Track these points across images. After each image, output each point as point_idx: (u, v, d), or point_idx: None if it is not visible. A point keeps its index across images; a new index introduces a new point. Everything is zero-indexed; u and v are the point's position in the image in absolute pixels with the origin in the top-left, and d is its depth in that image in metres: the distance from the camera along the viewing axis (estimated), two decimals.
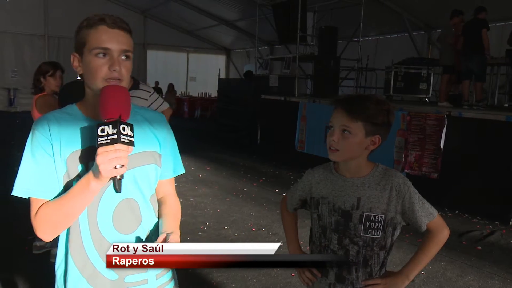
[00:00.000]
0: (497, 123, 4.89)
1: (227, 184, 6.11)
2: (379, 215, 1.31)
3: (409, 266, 1.37)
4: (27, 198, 1.11)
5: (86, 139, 1.12)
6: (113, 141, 0.99)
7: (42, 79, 3.19)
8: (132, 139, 1.03)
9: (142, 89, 3.34)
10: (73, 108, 1.18)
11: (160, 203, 1.28)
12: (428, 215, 1.34)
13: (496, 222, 4.67)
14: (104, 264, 1.09)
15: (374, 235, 1.32)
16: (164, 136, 1.26)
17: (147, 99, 3.33)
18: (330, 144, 1.32)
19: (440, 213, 1.39)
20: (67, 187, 1.12)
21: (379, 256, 1.35)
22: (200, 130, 12.74)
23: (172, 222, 1.22)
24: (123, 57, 1.11)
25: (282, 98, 8.22)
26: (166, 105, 3.43)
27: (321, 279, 1.39)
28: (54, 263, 1.19)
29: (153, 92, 3.49)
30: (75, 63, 1.15)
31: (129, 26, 1.16)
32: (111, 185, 1.09)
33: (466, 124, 5.17)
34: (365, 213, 1.31)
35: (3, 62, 14.62)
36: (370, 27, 10.29)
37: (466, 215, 4.93)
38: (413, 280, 3.42)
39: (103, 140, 0.99)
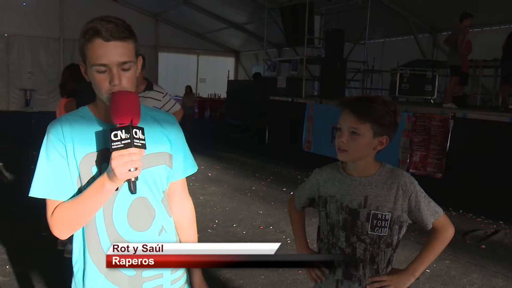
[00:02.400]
0: (501, 124, 4.92)
1: (236, 183, 6.18)
2: (386, 213, 1.33)
3: (414, 264, 1.39)
4: (43, 199, 1.14)
5: (100, 141, 1.14)
6: (126, 146, 1.02)
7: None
8: (144, 142, 1.05)
9: (155, 90, 3.43)
10: (86, 110, 1.19)
11: (175, 213, 1.31)
12: (434, 214, 1.37)
13: (500, 222, 4.69)
14: None
15: (381, 233, 1.34)
16: (175, 137, 1.27)
17: (160, 100, 3.44)
18: (339, 145, 1.34)
19: (444, 212, 1.42)
20: (81, 188, 1.14)
21: (386, 253, 1.36)
22: (209, 130, 12.84)
23: (191, 237, 1.35)
24: (123, 69, 1.10)
25: (290, 99, 8.29)
26: (178, 106, 3.49)
27: (328, 275, 1.41)
28: (71, 258, 1.23)
29: (166, 93, 3.58)
30: (83, 71, 1.16)
31: (128, 29, 1.11)
32: (126, 184, 1.11)
33: (470, 125, 5.21)
34: (372, 211, 1.33)
35: (20, 64, 14.93)
36: (376, 30, 10.31)
37: (470, 215, 4.95)
38: (418, 278, 3.48)
39: (116, 145, 1.02)
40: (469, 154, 5.15)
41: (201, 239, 4.39)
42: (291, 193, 1.68)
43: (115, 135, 1.03)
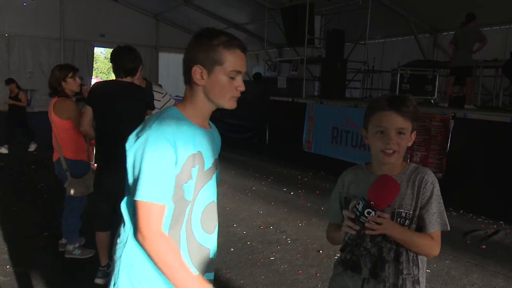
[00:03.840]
0: (501, 124, 4.93)
1: (236, 183, 6.17)
2: (409, 211, 1.34)
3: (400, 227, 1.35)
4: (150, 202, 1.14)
5: (196, 144, 1.22)
6: (361, 222, 1.24)
7: (62, 82, 3.23)
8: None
9: (155, 91, 3.44)
10: (177, 112, 1.25)
11: None
12: (436, 224, 1.34)
13: (501, 222, 4.69)
14: (190, 261, 1.22)
15: None
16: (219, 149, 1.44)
17: (160, 100, 3.45)
18: (389, 147, 1.32)
19: (446, 212, 1.38)
20: (177, 188, 1.18)
21: (409, 252, 1.36)
22: None
23: None
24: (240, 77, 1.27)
25: (290, 99, 8.30)
26: None
27: (353, 275, 1.41)
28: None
29: (166, 93, 3.59)
30: (198, 76, 1.22)
31: None
32: (203, 188, 1.25)
33: (471, 125, 5.22)
34: (396, 210, 1.33)
35: (20, 64, 14.96)
36: (377, 30, 10.34)
37: (471, 215, 4.96)
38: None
39: (364, 219, 1.23)
40: (469, 154, 5.16)
41: None
42: (291, 193, 1.64)
43: (369, 212, 1.22)
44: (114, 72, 2.87)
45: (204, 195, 1.26)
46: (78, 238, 3.41)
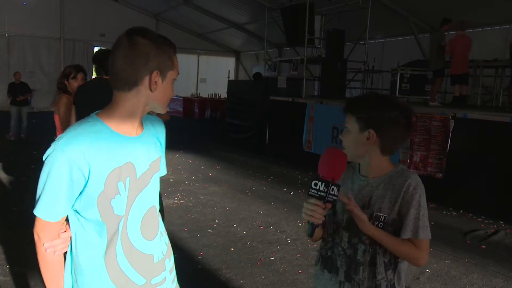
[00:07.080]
0: (501, 124, 4.93)
1: (236, 182, 6.18)
2: (385, 215, 1.31)
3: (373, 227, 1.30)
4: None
5: (122, 156, 1.14)
6: (320, 198, 1.17)
7: (65, 82, 3.31)
8: (335, 198, 1.18)
9: None
10: (99, 122, 1.15)
11: None
12: (415, 232, 1.27)
13: (500, 222, 4.69)
14: (134, 271, 1.18)
15: None
16: (163, 140, 1.33)
17: None
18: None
19: (444, 212, 1.39)
20: (104, 205, 1.13)
21: (383, 256, 1.33)
22: (210, 130, 12.87)
23: None
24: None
25: (290, 99, 8.30)
26: None
27: (331, 277, 1.39)
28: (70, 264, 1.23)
29: None
30: (157, 82, 1.15)
31: None
32: (139, 196, 1.18)
33: (471, 125, 5.22)
34: (375, 212, 1.31)
35: (20, 64, 14.96)
36: (377, 30, 10.34)
37: (471, 215, 4.95)
38: (417, 278, 3.44)
39: (313, 193, 1.18)
40: (469, 154, 5.15)
41: (201, 239, 4.35)
42: (292, 193, 1.61)
43: (315, 184, 1.18)
44: (95, 72, 2.94)
45: (141, 203, 1.20)
46: None
